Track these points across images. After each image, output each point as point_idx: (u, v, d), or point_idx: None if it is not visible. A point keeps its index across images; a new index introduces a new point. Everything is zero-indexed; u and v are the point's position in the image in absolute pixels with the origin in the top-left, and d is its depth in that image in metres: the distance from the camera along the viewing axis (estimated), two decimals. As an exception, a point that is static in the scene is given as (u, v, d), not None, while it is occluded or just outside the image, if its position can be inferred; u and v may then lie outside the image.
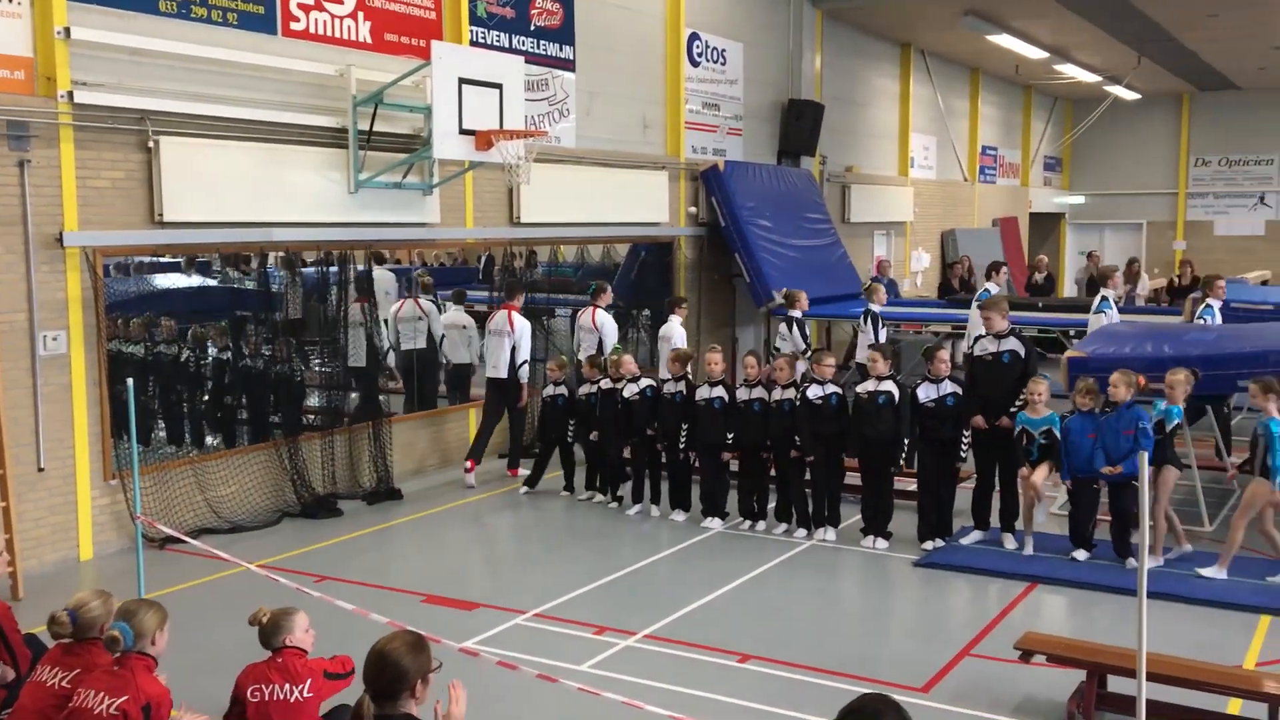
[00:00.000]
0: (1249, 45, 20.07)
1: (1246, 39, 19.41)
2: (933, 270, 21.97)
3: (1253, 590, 7.67)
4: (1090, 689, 5.68)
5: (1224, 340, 9.36)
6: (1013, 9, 17.30)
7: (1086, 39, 19.45)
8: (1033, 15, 17.62)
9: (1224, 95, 26.31)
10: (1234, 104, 26.41)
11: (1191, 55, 21.20)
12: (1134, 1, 16.43)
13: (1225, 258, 26.00)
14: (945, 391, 8.64)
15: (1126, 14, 17.24)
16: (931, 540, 8.83)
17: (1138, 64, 21.38)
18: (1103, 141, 27.84)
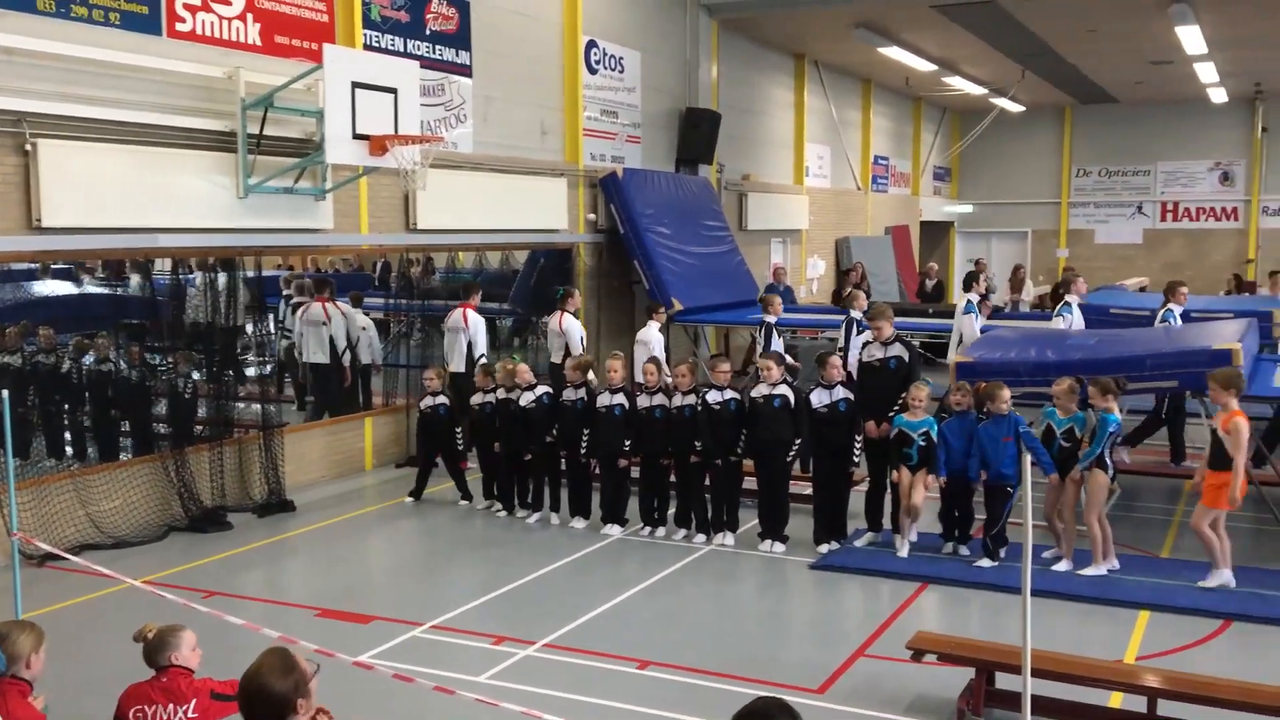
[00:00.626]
0: (1126, 60, 20.88)
1: (1124, 54, 20.19)
2: (828, 277, 22.36)
3: (1133, 587, 7.96)
4: (979, 686, 5.83)
5: (1103, 345, 9.70)
6: (902, 22, 17.73)
7: (973, 52, 20.02)
8: (921, 29, 18.08)
9: (1104, 108, 27.33)
10: (1113, 117, 27.44)
11: (1072, 69, 21.96)
12: (1018, 17, 16.96)
13: (1106, 265, 27.03)
14: (837, 397, 8.80)
15: (1011, 29, 17.79)
16: (827, 543, 8.98)
17: (1022, 77, 22.08)
18: (989, 152, 28.67)
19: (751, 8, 17.02)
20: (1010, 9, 16.45)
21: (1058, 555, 8.34)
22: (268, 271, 12.34)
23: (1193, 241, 27.16)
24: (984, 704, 5.86)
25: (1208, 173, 26.96)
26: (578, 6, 14.56)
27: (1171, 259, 26.99)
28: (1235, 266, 25.53)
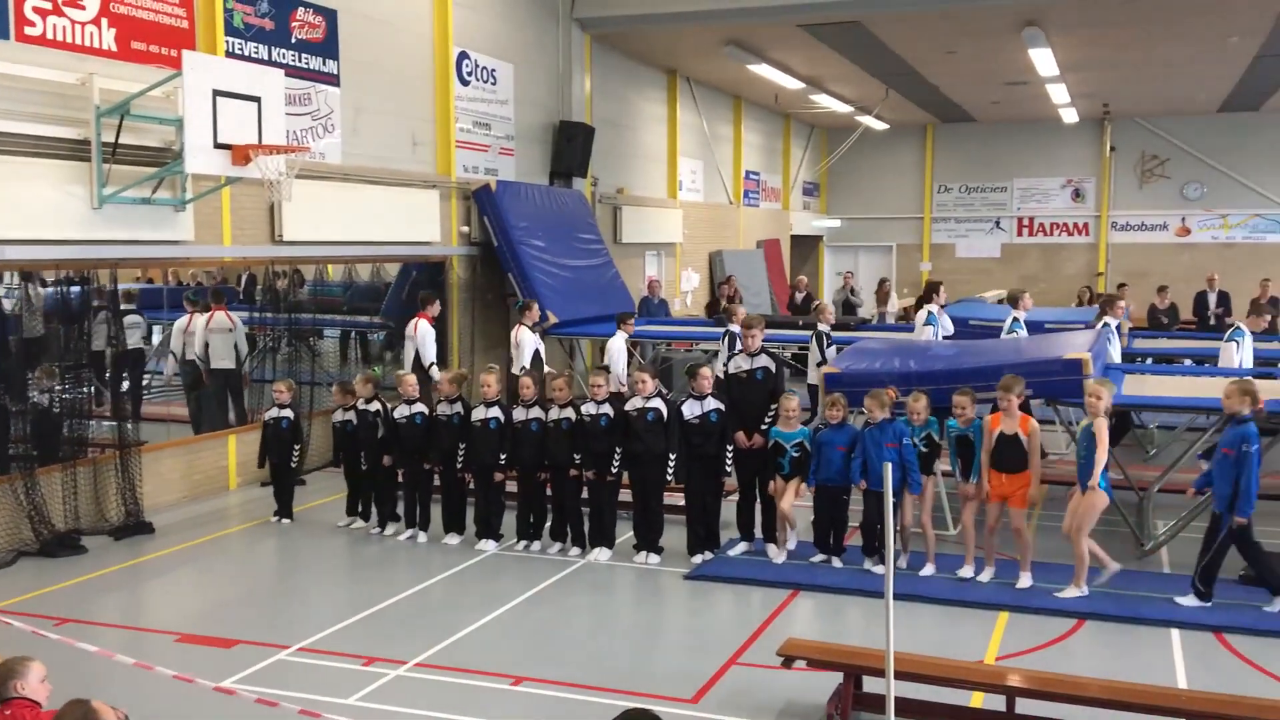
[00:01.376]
0: (983, 81, 21.69)
1: (981, 75, 20.97)
2: (702, 289, 22.61)
3: (993, 589, 8.23)
4: (846, 690, 5.95)
5: (963, 356, 10.04)
6: (770, 41, 18.08)
7: (839, 71, 20.54)
8: (789, 47, 18.47)
9: (963, 127, 28.32)
10: (972, 135, 28.46)
11: (933, 89, 22.71)
12: (881, 38, 17.47)
13: (966, 278, 27.96)
14: (709, 408, 8.90)
15: (874, 49, 18.32)
16: (701, 553, 9.06)
17: (885, 96, 22.73)
18: (856, 168, 29.42)
19: (623, 23, 17.14)
20: (874, 30, 16.93)
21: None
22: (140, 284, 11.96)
23: (1047, 255, 28.33)
24: (851, 707, 5.99)
25: (1060, 189, 28.16)
26: (449, 18, 14.44)
27: (1028, 272, 28.09)
28: (1087, 279, 26.69)
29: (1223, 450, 7.67)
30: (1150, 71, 20.53)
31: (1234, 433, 7.64)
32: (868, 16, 16.04)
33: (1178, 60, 19.33)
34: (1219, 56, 18.91)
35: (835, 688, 6.11)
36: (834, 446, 8.65)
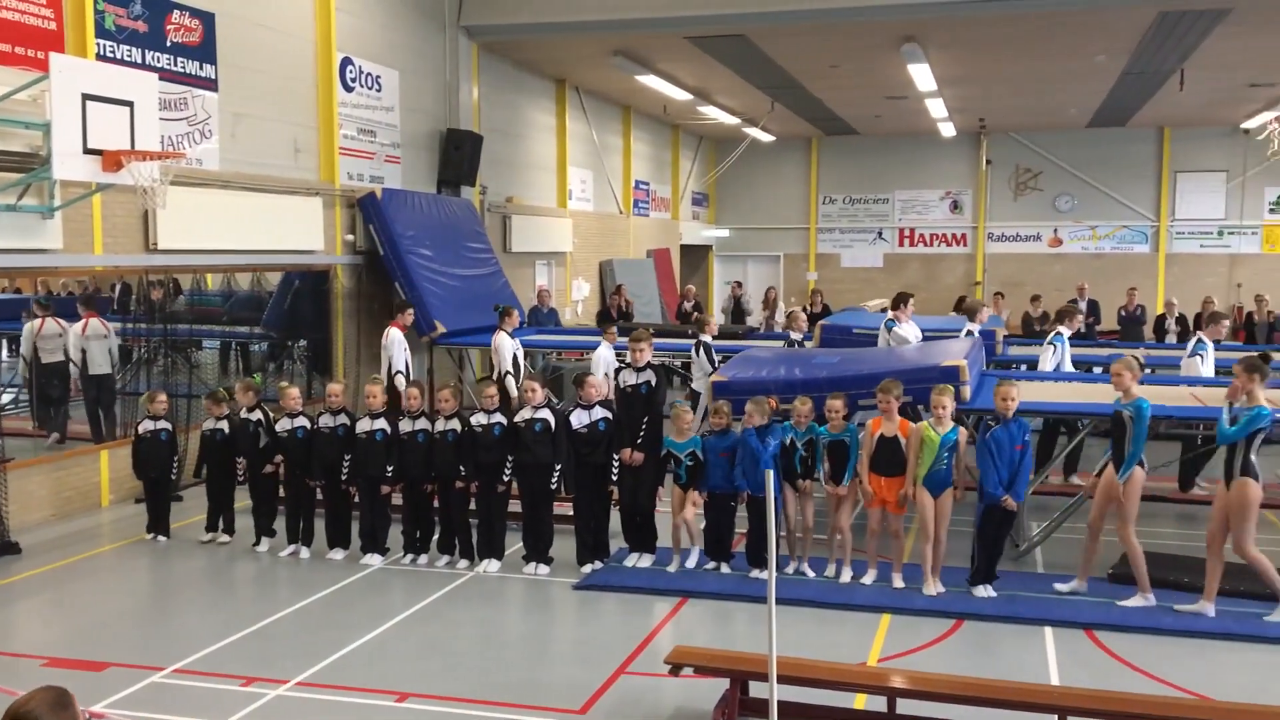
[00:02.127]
0: (865, 95, 22.20)
1: (863, 89, 21.45)
2: (593, 299, 22.64)
3: (875, 592, 8.41)
4: (733, 696, 6.01)
5: (845, 364, 10.23)
6: (658, 52, 18.22)
7: (726, 84, 20.80)
8: (677, 59, 18.64)
9: (847, 139, 28.94)
10: (855, 148, 29.10)
11: (818, 102, 23.16)
12: (765, 51, 17.75)
13: (851, 287, 28.58)
14: (596, 417, 8.91)
15: (760, 62, 18.60)
16: (590, 563, 9.05)
17: (771, 109, 23.10)
18: (744, 179, 29.82)
19: (510, 32, 17.08)
20: (758, 43, 17.20)
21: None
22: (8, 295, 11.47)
23: (928, 265, 29.10)
24: (738, 712, 6.05)
25: (940, 201, 28.97)
26: (331, 23, 14.20)
27: (909, 281, 28.72)
28: (965, 288, 27.52)
29: (1015, 447, 8.09)
30: (1023, 87, 21.27)
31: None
32: (752, 30, 16.29)
33: (1049, 77, 20.07)
34: (1088, 74, 19.69)
35: (722, 694, 6.16)
36: (717, 454, 8.74)
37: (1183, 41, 16.66)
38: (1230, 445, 7.66)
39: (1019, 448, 8.11)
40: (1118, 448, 8.04)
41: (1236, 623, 7.72)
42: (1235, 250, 26.94)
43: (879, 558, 8.69)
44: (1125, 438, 7.95)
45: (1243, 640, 7.49)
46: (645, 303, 23.05)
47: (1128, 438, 7.93)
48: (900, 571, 8.52)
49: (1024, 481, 8.20)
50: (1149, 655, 7.22)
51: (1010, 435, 8.12)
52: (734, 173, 29.12)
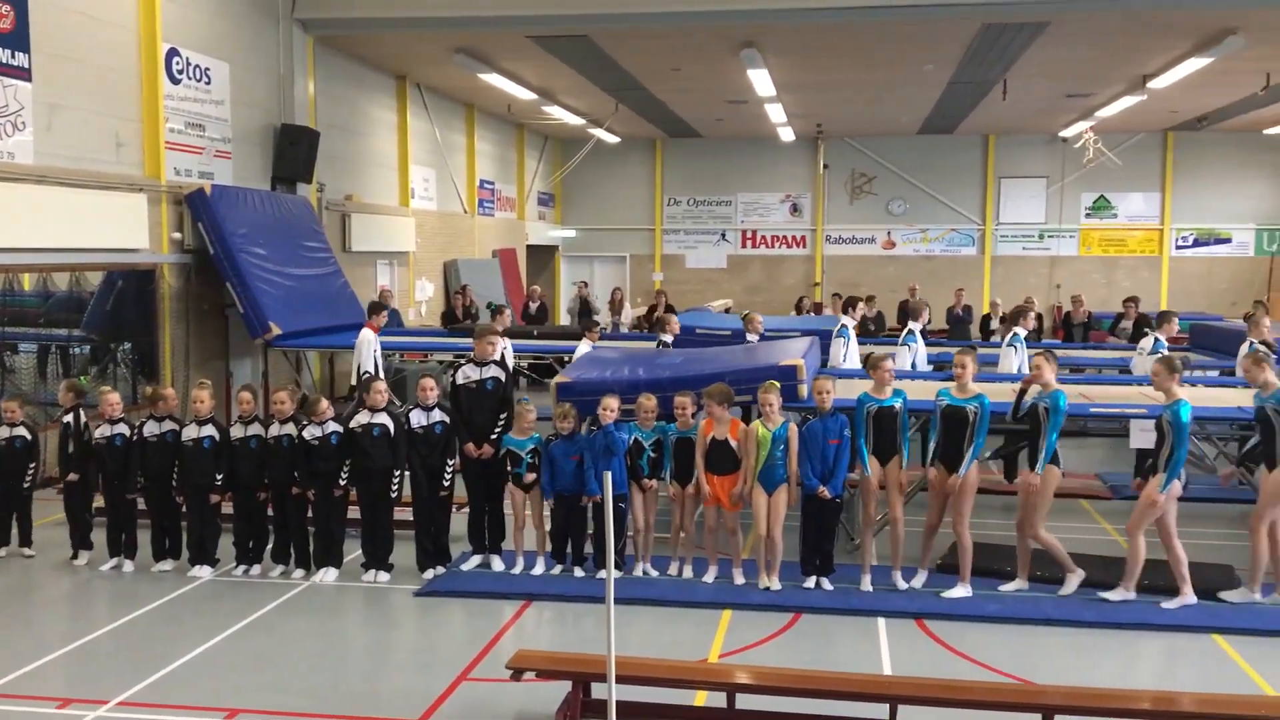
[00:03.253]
0: (707, 98, 22.52)
1: (705, 93, 21.76)
2: (437, 299, 22.31)
3: (716, 589, 8.53)
4: (575, 698, 5.99)
5: (688, 364, 10.34)
6: (501, 51, 18.08)
7: (570, 84, 20.80)
8: (519, 58, 18.53)
9: (690, 142, 29.32)
10: (699, 150, 29.50)
11: (661, 105, 23.38)
12: (609, 52, 17.82)
13: (695, 288, 28.98)
14: (434, 419, 8.78)
15: (603, 64, 18.67)
16: (431, 568, 8.91)
17: (615, 110, 23.21)
18: (590, 180, 29.89)
19: (347, 26, 16.67)
20: (601, 45, 17.25)
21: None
22: None
23: (769, 266, 29.73)
24: (580, 714, 6.03)
25: (780, 204, 29.64)
26: (156, 12, 13.58)
27: (752, 282, 29.40)
28: (804, 289, 28.21)
29: (830, 440, 8.36)
30: (858, 95, 21.94)
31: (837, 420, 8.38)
32: (594, 31, 16.32)
33: (882, 85, 20.75)
34: (917, 83, 20.43)
35: (564, 696, 6.14)
36: (567, 456, 8.72)
37: (1005, 53, 17.45)
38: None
39: (834, 441, 8.33)
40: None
41: (1055, 607, 8.12)
42: (1055, 252, 28.38)
43: (719, 555, 8.81)
44: (1042, 432, 8.20)
45: (1063, 625, 7.87)
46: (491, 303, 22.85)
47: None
48: (740, 568, 8.66)
49: (841, 474, 8.41)
50: (975, 642, 7.52)
51: (826, 429, 8.35)
52: (580, 173, 29.16)
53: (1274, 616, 7.90)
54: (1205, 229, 27.85)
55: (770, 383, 8.58)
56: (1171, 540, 8.09)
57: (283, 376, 15.31)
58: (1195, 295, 27.07)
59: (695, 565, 8.84)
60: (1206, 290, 27.30)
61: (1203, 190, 27.62)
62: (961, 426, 8.28)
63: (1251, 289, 26.29)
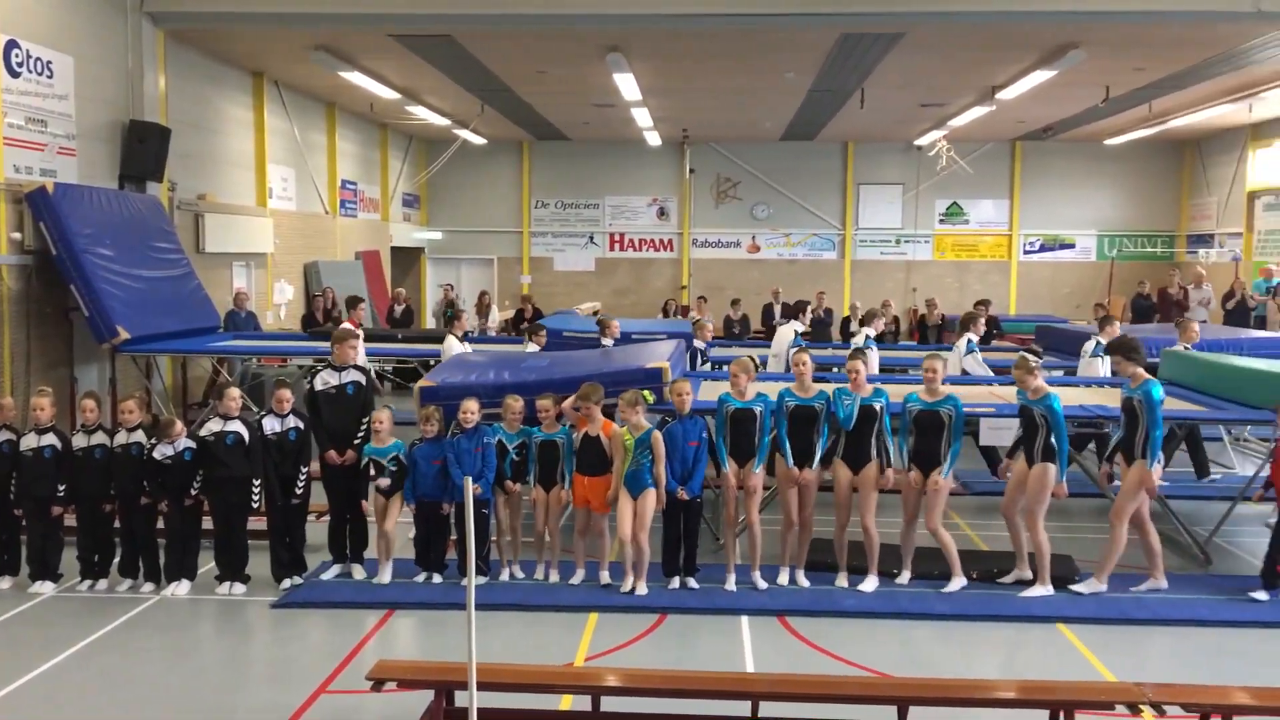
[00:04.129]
0: (574, 101, 22.51)
1: (571, 96, 21.74)
2: (297, 302, 21.74)
3: (582, 591, 8.53)
4: (437, 707, 5.91)
5: (555, 367, 10.32)
6: (362, 49, 17.72)
7: (434, 84, 20.52)
8: (381, 57, 18.19)
9: (557, 144, 29.27)
10: (566, 153, 29.48)
11: (527, 107, 23.27)
12: (473, 53, 17.65)
13: (563, 290, 28.94)
14: (288, 426, 8.56)
15: (468, 64, 18.48)
16: (289, 578, 8.67)
17: (481, 111, 23.00)
18: (456, 181, 29.56)
19: (200, 20, 16.09)
20: (465, 45, 17.07)
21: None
22: None
23: (637, 269, 29.89)
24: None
25: (647, 207, 29.82)
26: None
27: (620, 285, 29.52)
28: (672, 293, 28.46)
29: (690, 442, 8.48)
30: (722, 101, 22.23)
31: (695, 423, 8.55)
32: (458, 31, 16.13)
33: (745, 91, 21.06)
34: (780, 90, 20.81)
35: (427, 706, 6.04)
36: (429, 461, 8.60)
37: (862, 63, 17.92)
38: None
39: (694, 443, 8.42)
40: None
41: (911, 602, 8.37)
42: (911, 257, 29.27)
43: (586, 557, 8.81)
44: (1038, 433, 8.39)
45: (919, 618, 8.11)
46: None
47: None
48: (607, 569, 8.68)
49: (699, 475, 8.50)
50: (835, 637, 7.69)
51: (686, 431, 8.44)
52: (446, 175, 28.81)
53: (1115, 606, 8.29)
54: (1051, 235, 29.11)
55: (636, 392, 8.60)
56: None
57: (131, 383, 14.71)
58: (1042, 298, 28.26)
59: (563, 568, 8.82)
60: (1052, 294, 28.52)
61: (1048, 198, 28.86)
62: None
63: (1093, 293, 27.55)
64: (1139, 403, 8.34)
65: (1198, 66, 17.70)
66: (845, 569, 8.73)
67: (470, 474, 8.36)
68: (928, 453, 8.51)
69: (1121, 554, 8.55)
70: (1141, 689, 5.83)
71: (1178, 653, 7.54)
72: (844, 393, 8.62)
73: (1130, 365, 8.52)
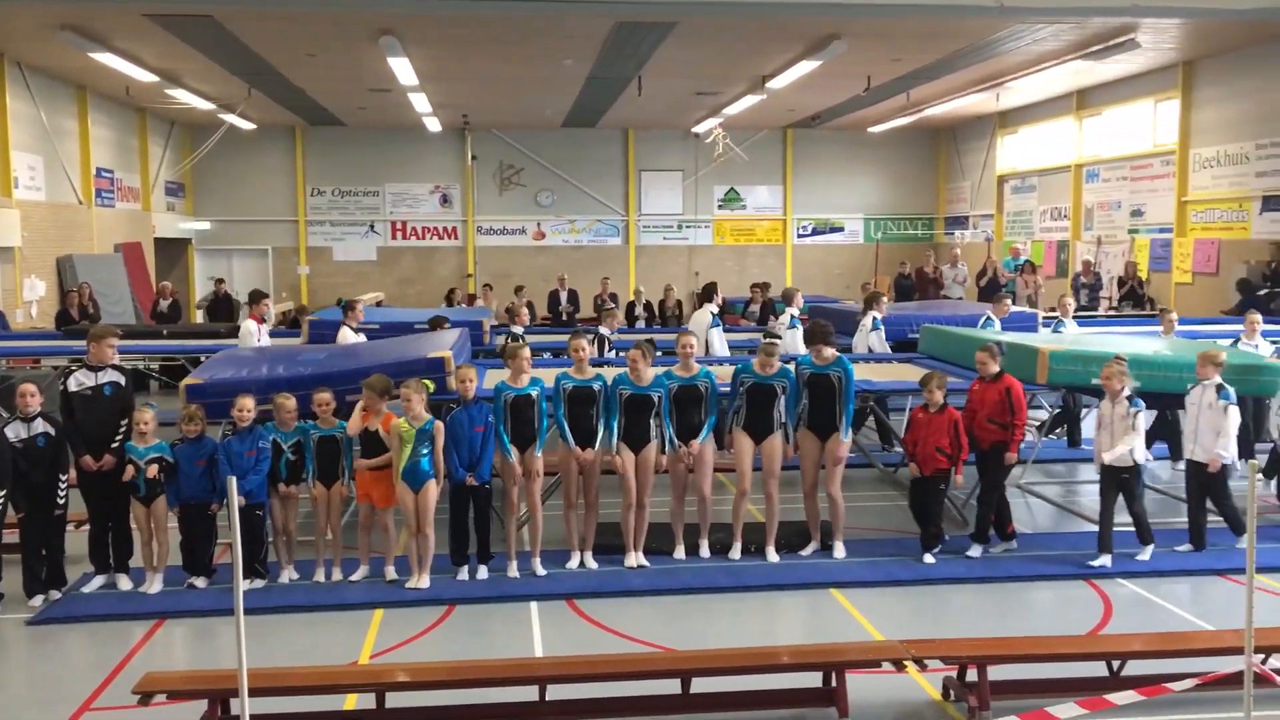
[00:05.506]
0: (348, 86, 21.86)
1: (345, 80, 21.11)
2: (50, 299, 20.29)
3: (366, 588, 8.35)
4: (211, 716, 5.67)
5: (333, 359, 10.03)
6: (114, 29, 16.65)
7: (196, 67, 19.50)
8: (136, 37, 17.14)
9: (333, 130, 28.37)
10: (342, 139, 28.61)
11: (299, 91, 22.44)
12: (236, 34, 16.88)
13: (345, 281, 28.15)
14: (37, 431, 7.98)
15: (231, 46, 17.65)
16: (44, 594, 8.11)
17: (249, 95, 22.04)
18: (226, 169, 28.25)
19: (-73, -6, 14.79)
20: (229, 26, 16.31)
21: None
22: None
23: (421, 258, 29.39)
24: (218, 734, 5.72)
25: (430, 195, 29.34)
26: None
27: (404, 274, 28.96)
28: (457, 281, 28.14)
29: (475, 428, 8.49)
30: (502, 87, 22.09)
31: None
32: (219, 11, 15.38)
33: (525, 78, 20.99)
34: (559, 77, 20.84)
35: (201, 716, 5.79)
36: (192, 462, 8.21)
37: (638, 51, 18.16)
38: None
39: (480, 429, 8.39)
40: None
41: (695, 577, 8.59)
42: (692, 242, 29.94)
43: (371, 553, 8.63)
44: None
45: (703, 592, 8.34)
46: (114, 302, 21.07)
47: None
48: (392, 565, 8.53)
49: (487, 461, 8.48)
50: (623, 616, 7.82)
51: (470, 417, 8.40)
52: (213, 161, 27.45)
53: (879, 570, 8.75)
54: (822, 219, 30.36)
55: (419, 380, 8.47)
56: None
57: None
58: (815, 280, 29.44)
59: (345, 566, 8.61)
60: (825, 275, 29.75)
61: (819, 183, 30.07)
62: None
63: (862, 273, 28.92)
64: (838, 378, 8.95)
65: (949, 58, 18.81)
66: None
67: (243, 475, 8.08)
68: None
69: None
70: (905, 646, 6.20)
71: (937, 610, 8.04)
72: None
73: (829, 349, 9.08)
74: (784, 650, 6.49)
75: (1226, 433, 8.78)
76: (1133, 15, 15.46)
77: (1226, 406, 8.78)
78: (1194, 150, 20.08)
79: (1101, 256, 22.40)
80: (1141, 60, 19.63)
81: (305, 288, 28.63)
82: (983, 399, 9.04)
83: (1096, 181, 23.48)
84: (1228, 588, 8.37)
